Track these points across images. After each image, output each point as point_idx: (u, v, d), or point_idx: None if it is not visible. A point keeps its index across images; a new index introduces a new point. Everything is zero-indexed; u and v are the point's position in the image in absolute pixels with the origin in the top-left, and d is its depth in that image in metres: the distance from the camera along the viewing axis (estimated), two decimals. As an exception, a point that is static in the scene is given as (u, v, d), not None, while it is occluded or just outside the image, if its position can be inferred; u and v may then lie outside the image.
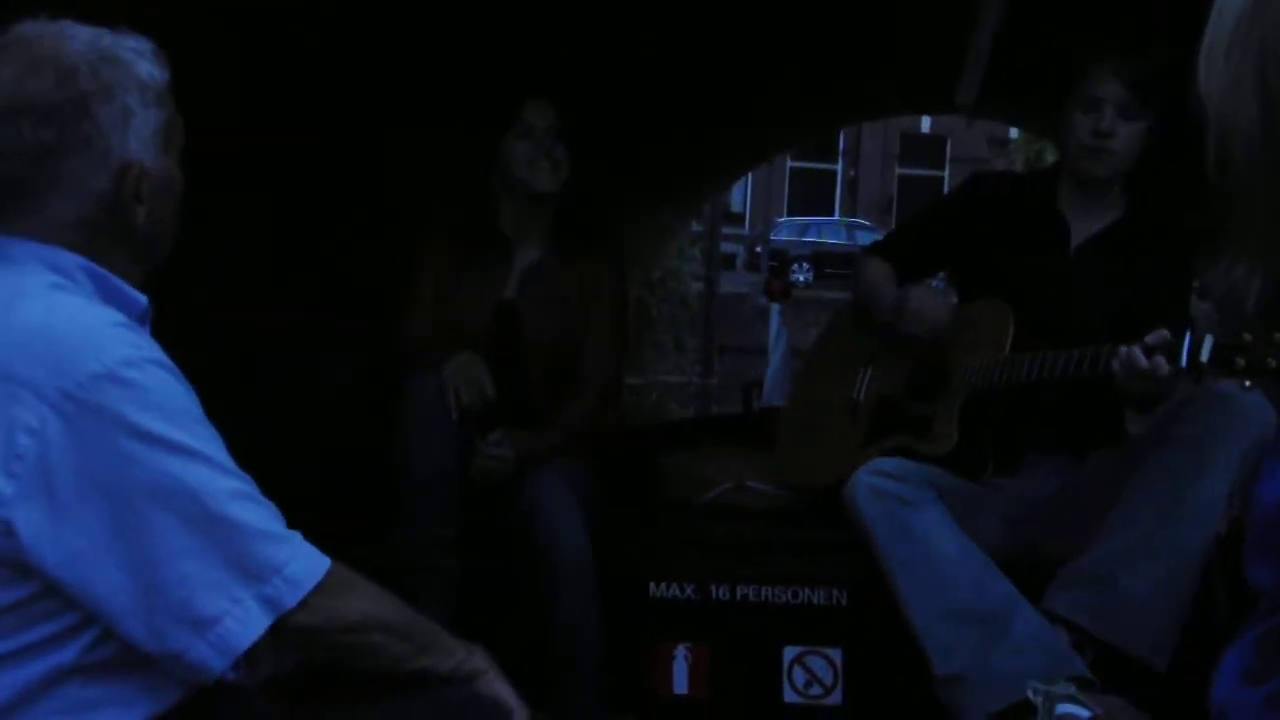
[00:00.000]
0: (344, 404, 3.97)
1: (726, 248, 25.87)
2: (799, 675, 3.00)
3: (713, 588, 3.04)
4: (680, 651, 3.03)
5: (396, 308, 3.18)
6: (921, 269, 3.27)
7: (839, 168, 30.60)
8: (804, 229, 26.89)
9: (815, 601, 3.02)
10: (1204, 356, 2.15)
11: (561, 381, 3.10)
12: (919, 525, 2.57)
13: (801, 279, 23.22)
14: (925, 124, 29.60)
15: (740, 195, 30.13)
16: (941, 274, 3.37)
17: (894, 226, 3.53)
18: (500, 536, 3.00)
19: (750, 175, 29.50)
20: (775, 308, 6.16)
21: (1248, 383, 2.05)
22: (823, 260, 24.70)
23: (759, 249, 24.77)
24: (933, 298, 2.92)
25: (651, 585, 3.04)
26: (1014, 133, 26.53)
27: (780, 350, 4.98)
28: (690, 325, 17.26)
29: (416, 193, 4.31)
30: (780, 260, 24.44)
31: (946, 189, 28.71)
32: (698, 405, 14.68)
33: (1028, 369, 2.59)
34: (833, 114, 10.40)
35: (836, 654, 2.99)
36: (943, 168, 29.95)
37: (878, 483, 2.62)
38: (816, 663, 3.00)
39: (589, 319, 3.12)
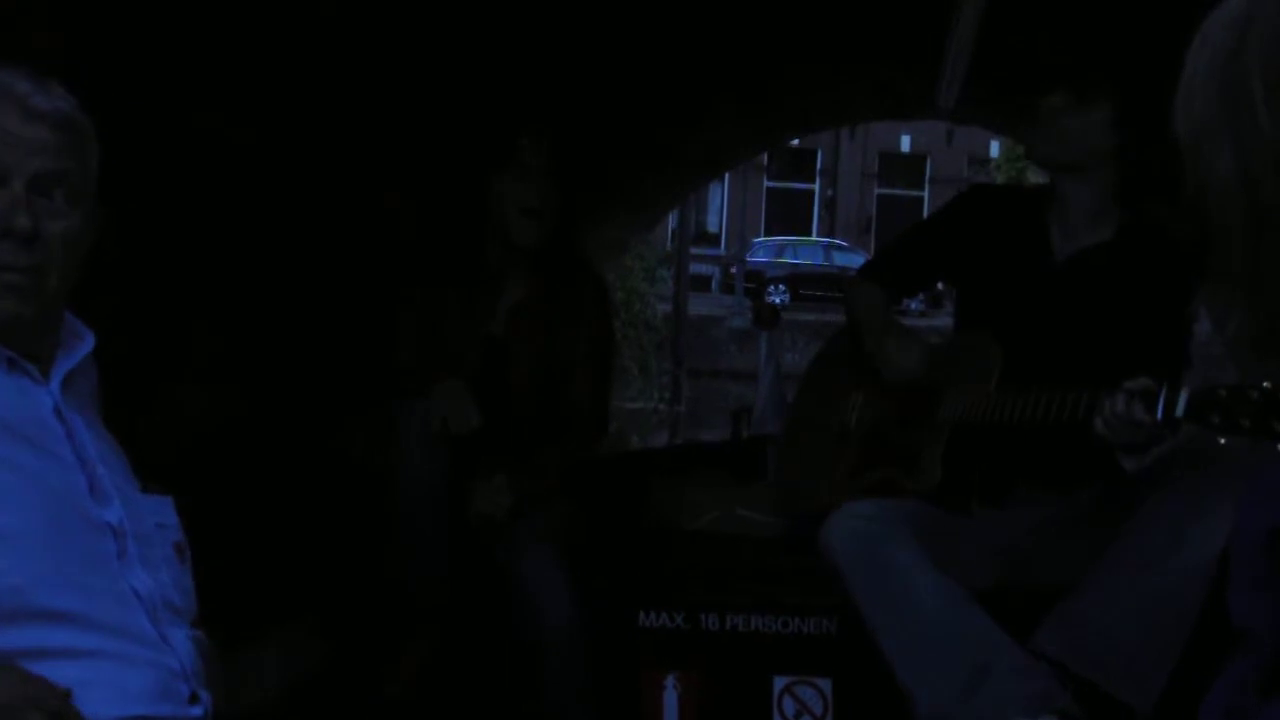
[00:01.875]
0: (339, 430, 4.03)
1: (702, 269, 25.97)
2: (789, 705, 3.07)
3: (702, 616, 3.11)
4: (670, 681, 3.09)
5: (382, 338, 3.27)
6: (913, 286, 3.35)
7: (816, 187, 30.74)
8: (780, 250, 26.98)
9: (805, 631, 3.09)
10: (1179, 411, 2.17)
11: (549, 415, 3.18)
12: (895, 568, 2.59)
13: (777, 300, 23.29)
14: (904, 143, 29.82)
15: (716, 216, 30.22)
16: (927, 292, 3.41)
17: (888, 243, 3.54)
18: (491, 573, 3.08)
19: (726, 195, 29.63)
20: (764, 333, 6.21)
21: (1222, 440, 2.06)
22: (799, 282, 24.80)
23: (734, 270, 24.84)
24: (908, 347, 2.97)
25: (641, 614, 3.11)
26: (995, 151, 26.78)
27: (769, 376, 5.05)
28: (657, 349, 17.20)
29: (402, 225, 4.38)
30: (756, 282, 24.52)
31: (926, 209, 28.98)
32: (664, 435, 14.54)
33: (1009, 410, 2.64)
34: (800, 120, 10.02)
35: (826, 684, 3.06)
36: (922, 187, 30.13)
37: (852, 526, 2.65)
38: (806, 693, 3.07)
39: (575, 353, 3.20)
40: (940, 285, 3.34)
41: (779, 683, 3.07)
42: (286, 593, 3.27)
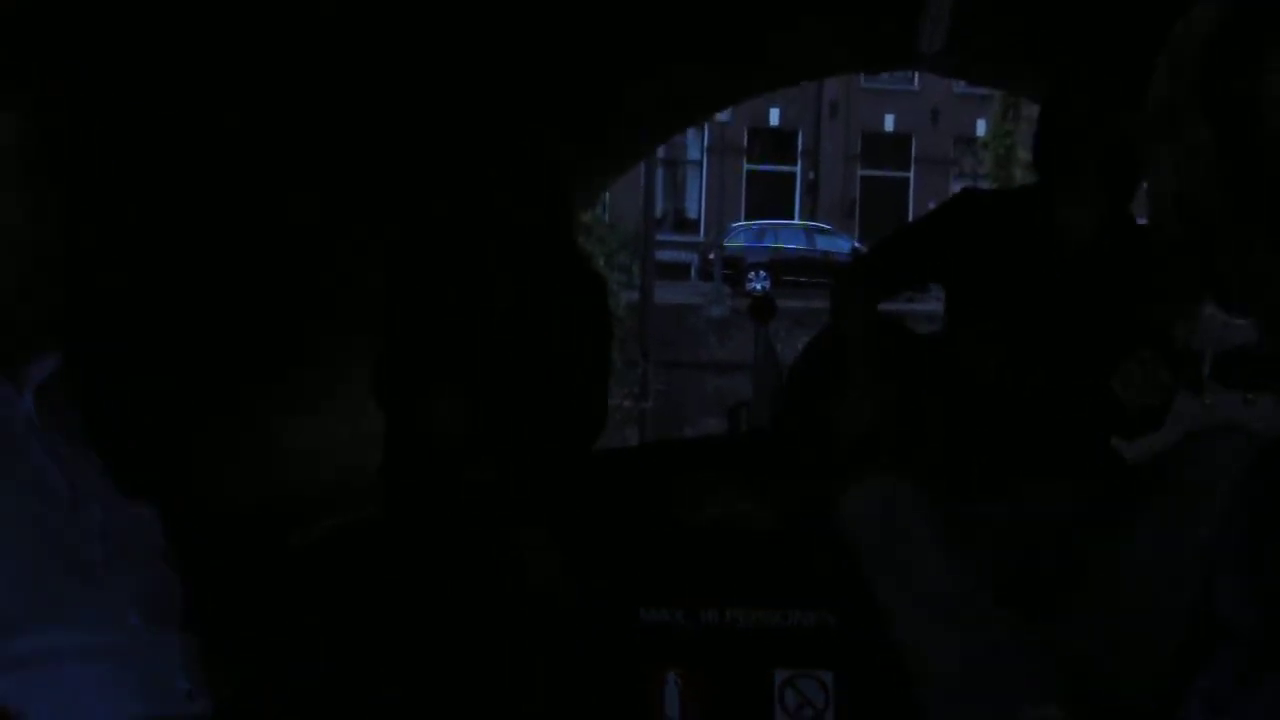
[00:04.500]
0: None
1: (681, 256, 25.93)
2: (790, 698, 3.17)
3: (702, 611, 3.21)
4: (671, 677, 3.20)
5: (378, 336, 3.35)
6: (902, 288, 3.46)
7: (798, 169, 30.72)
8: (760, 233, 26.85)
9: (806, 624, 3.19)
10: (1205, 370, 2.29)
11: (547, 411, 3.28)
12: (907, 548, 2.70)
13: (758, 287, 23.21)
14: (888, 122, 29.86)
15: (694, 202, 30.20)
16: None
17: (879, 245, 3.62)
18: (489, 573, 3.18)
19: (704, 180, 29.63)
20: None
21: (1249, 395, 2.16)
22: (780, 267, 24.75)
23: (711, 255, 24.75)
24: (886, 378, 3.06)
25: (641, 610, 3.21)
26: (981, 130, 26.92)
27: (768, 369, 5.12)
28: (622, 342, 17.17)
29: (399, 222, 4.45)
30: (735, 268, 24.51)
31: (912, 191, 29.04)
32: (631, 432, 14.39)
33: (1023, 385, 2.76)
34: (767, 73, 9.24)
35: (828, 676, 3.17)
36: (907, 168, 30.18)
37: (866, 507, 2.76)
38: (808, 685, 3.17)
39: (573, 349, 3.29)
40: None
41: (780, 676, 3.17)
42: (288, 593, 3.36)
